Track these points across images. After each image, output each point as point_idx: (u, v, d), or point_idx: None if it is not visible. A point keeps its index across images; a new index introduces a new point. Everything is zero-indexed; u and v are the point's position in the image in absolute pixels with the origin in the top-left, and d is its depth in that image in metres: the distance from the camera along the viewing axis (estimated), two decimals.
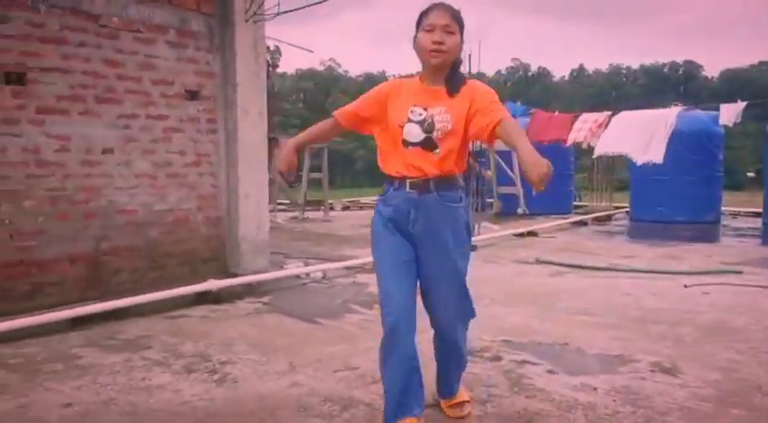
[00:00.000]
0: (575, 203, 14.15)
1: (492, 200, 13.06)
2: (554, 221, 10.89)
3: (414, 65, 2.65)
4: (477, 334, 4.13)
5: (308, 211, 12.11)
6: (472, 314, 2.83)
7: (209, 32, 5.54)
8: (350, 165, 44.82)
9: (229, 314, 4.74)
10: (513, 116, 10.24)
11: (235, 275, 5.46)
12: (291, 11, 5.58)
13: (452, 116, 2.48)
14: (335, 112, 2.75)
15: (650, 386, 3.23)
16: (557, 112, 10.53)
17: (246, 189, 5.70)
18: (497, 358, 3.70)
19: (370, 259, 6.87)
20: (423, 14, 2.52)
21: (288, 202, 13.36)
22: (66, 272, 4.70)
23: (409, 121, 2.51)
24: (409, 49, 2.60)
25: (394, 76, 55.86)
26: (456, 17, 2.50)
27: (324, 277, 6.07)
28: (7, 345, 3.84)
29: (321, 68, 61.16)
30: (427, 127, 2.49)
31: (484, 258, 7.37)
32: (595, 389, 3.19)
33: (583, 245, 8.63)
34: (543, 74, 70.01)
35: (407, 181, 2.53)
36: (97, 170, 4.86)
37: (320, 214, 11.98)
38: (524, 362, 3.62)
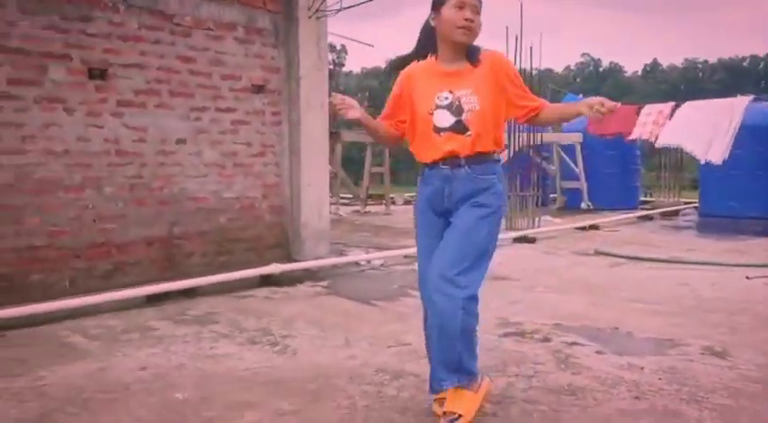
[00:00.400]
0: (642, 199, 13.86)
1: (556, 195, 12.98)
2: (618, 215, 10.73)
3: None
4: (529, 317, 4.25)
5: (370, 204, 12.34)
6: (476, 281, 2.51)
7: (275, 29, 5.82)
8: (415, 161, 44.95)
9: (290, 296, 4.99)
10: None
11: (297, 261, 5.72)
12: (352, 7, 5.79)
13: (479, 97, 2.53)
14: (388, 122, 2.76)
15: (699, 367, 3.26)
16: (619, 104, 10.36)
17: (308, 178, 5.95)
18: (547, 339, 3.78)
19: None
20: None
21: (350, 196, 13.64)
22: (143, 253, 5.06)
23: (437, 107, 2.55)
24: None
25: None
26: None
27: (382, 265, 6.26)
28: (90, 317, 4.19)
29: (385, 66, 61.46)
30: (456, 110, 2.54)
31: (542, 250, 7.39)
32: (642, 368, 3.24)
33: (646, 238, 8.50)
34: (615, 69, 68.05)
35: (440, 162, 2.58)
36: (171, 159, 5.21)
37: (382, 208, 12.20)
38: (574, 343, 3.69)
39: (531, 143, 9.66)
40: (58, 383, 3.04)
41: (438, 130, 2.56)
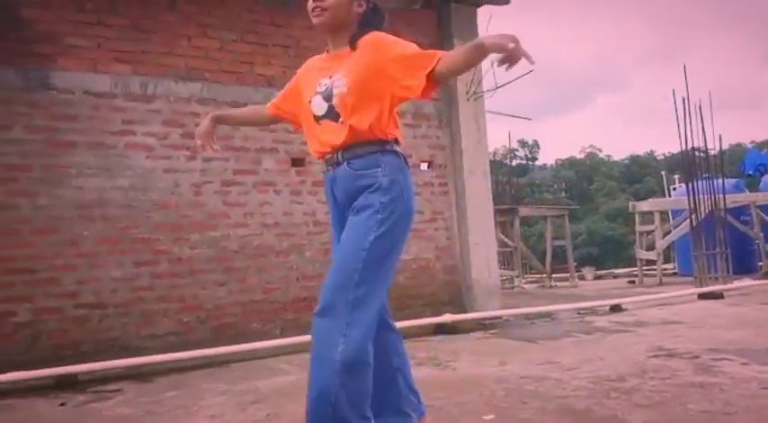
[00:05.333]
0: None
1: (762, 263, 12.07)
2: None
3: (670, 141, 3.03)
4: (685, 345, 4.39)
5: (557, 279, 12.48)
6: (365, 320, 2.15)
7: (438, 113, 6.76)
8: (622, 248, 42.93)
9: (460, 338, 5.55)
10: (763, 165, 9.83)
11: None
12: (502, 86, 6.54)
13: (349, 79, 2.22)
14: (268, 104, 2.68)
15: None
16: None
17: (476, 239, 6.60)
18: (696, 357, 3.93)
19: (600, 303, 7.19)
20: None
21: (538, 273, 13.88)
22: None
23: (316, 94, 2.31)
24: (672, 128, 2.95)
25: (664, 155, 53.10)
26: None
27: (552, 318, 6.58)
28: (294, 355, 5.11)
29: (581, 156, 60.75)
30: (327, 96, 2.27)
31: (727, 303, 7.16)
32: None
33: None
34: None
35: (324, 159, 2.35)
36: None
37: (567, 283, 12.27)
38: (722, 359, 3.81)
39: (716, 206, 9.40)
40: (267, 387, 3.91)
41: (317, 119, 2.32)
